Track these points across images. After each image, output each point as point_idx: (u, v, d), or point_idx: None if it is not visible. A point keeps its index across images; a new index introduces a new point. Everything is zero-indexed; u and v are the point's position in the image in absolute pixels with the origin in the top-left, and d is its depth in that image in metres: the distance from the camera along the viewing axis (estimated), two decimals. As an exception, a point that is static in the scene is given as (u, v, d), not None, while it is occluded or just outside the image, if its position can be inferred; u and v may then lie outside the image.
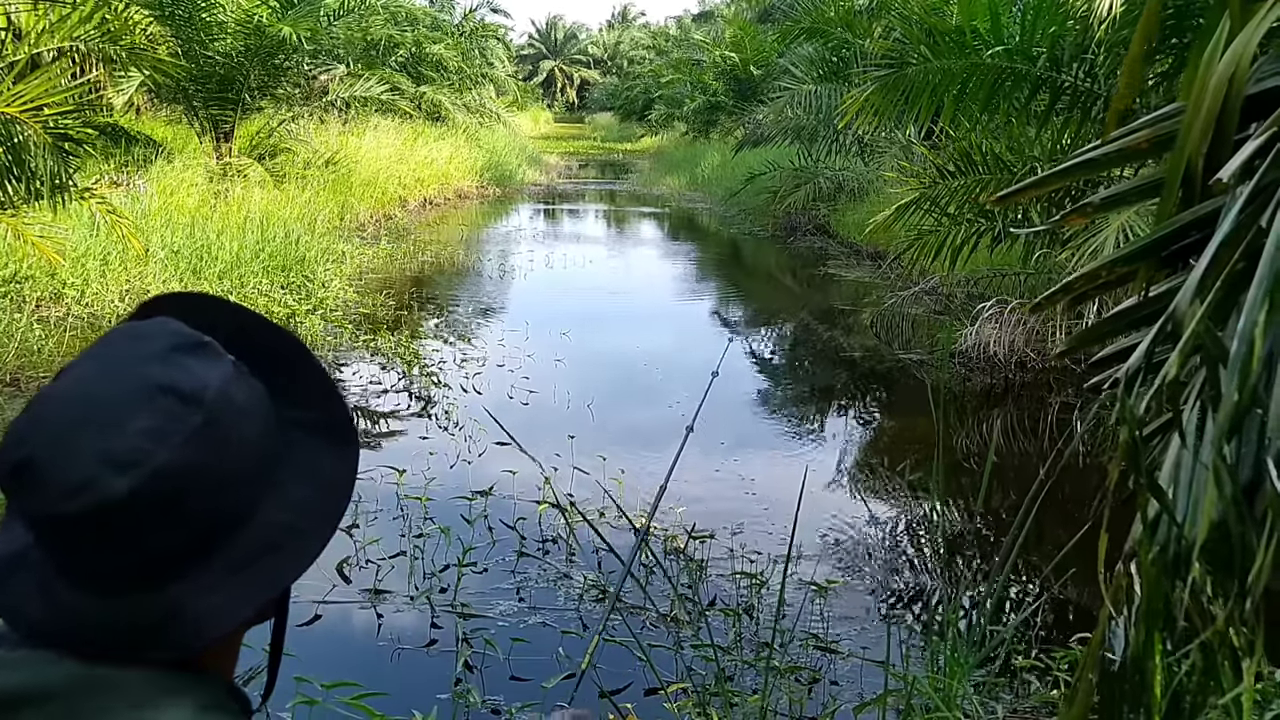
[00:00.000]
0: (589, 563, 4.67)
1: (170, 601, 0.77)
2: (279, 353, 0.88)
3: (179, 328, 0.82)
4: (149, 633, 0.77)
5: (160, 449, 0.76)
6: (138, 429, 0.76)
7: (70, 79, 8.48)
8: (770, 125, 15.42)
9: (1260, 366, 0.87)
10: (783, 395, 8.48)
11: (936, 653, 3.43)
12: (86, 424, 0.76)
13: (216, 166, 12.81)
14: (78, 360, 0.81)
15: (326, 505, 0.86)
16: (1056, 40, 6.85)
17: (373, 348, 8.28)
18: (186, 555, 0.78)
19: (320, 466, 0.86)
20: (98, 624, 0.77)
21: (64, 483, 0.75)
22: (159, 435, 0.76)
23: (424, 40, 22.76)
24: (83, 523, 0.75)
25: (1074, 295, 1.26)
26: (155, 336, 0.81)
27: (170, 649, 0.78)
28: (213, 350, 0.81)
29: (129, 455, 0.75)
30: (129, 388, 0.77)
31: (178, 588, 0.77)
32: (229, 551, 0.79)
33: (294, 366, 0.89)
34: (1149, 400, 1.09)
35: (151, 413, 0.76)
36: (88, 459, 0.75)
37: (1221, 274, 0.95)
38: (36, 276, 8.32)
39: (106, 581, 0.77)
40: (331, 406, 0.89)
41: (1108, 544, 1.19)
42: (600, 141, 43.73)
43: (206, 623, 0.78)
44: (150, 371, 0.78)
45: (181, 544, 0.78)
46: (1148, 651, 1.11)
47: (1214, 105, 1.04)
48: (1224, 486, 0.91)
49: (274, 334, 0.89)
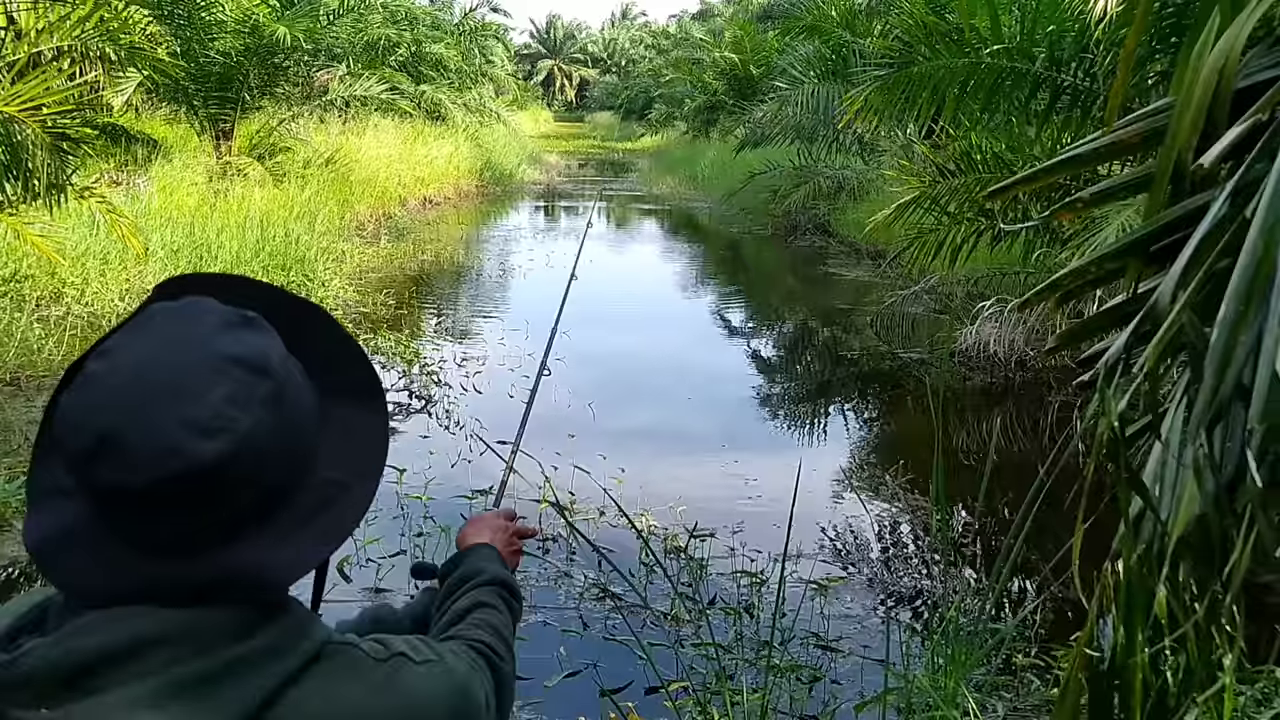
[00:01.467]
0: (589, 561, 4.67)
1: (239, 559, 0.80)
2: (310, 323, 0.93)
3: (219, 304, 0.85)
4: (224, 587, 0.80)
5: (244, 415, 0.79)
6: (219, 396, 0.79)
7: (69, 79, 8.48)
8: (770, 124, 15.41)
9: (1243, 354, 0.87)
10: (783, 394, 8.48)
11: (937, 651, 3.43)
12: (163, 394, 0.78)
13: (216, 165, 12.82)
14: (121, 339, 0.82)
15: (368, 460, 0.91)
16: (1056, 39, 6.85)
17: (373, 347, 8.28)
18: (255, 515, 0.82)
19: (355, 426, 0.91)
20: (172, 585, 0.79)
21: (151, 450, 0.76)
22: (240, 402, 0.79)
23: (424, 39, 22.76)
24: (168, 488, 0.77)
25: (1063, 292, 1.26)
26: (204, 312, 0.84)
27: (238, 597, 0.81)
28: (260, 323, 0.85)
29: (215, 421, 0.78)
30: (197, 359, 0.80)
31: (251, 544, 0.81)
32: (294, 509, 0.84)
33: (324, 335, 0.93)
34: (1130, 396, 1.09)
35: (228, 381, 0.79)
36: (172, 427, 0.77)
37: (1204, 266, 0.96)
38: (36, 276, 8.32)
39: (184, 545, 0.79)
40: (358, 369, 0.94)
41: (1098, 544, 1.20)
42: (600, 141, 43.72)
43: (277, 575, 0.83)
44: (215, 343, 0.81)
45: (253, 505, 0.81)
46: (1131, 650, 1.12)
47: (1204, 99, 1.04)
48: (1205, 481, 0.92)
49: (301, 306, 0.94)
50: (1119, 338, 1.10)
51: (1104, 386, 1.06)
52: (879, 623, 4.26)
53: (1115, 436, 1.02)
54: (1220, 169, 1.09)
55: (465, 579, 1.32)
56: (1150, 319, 1.01)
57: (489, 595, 1.32)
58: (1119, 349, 1.07)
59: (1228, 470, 0.98)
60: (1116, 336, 1.14)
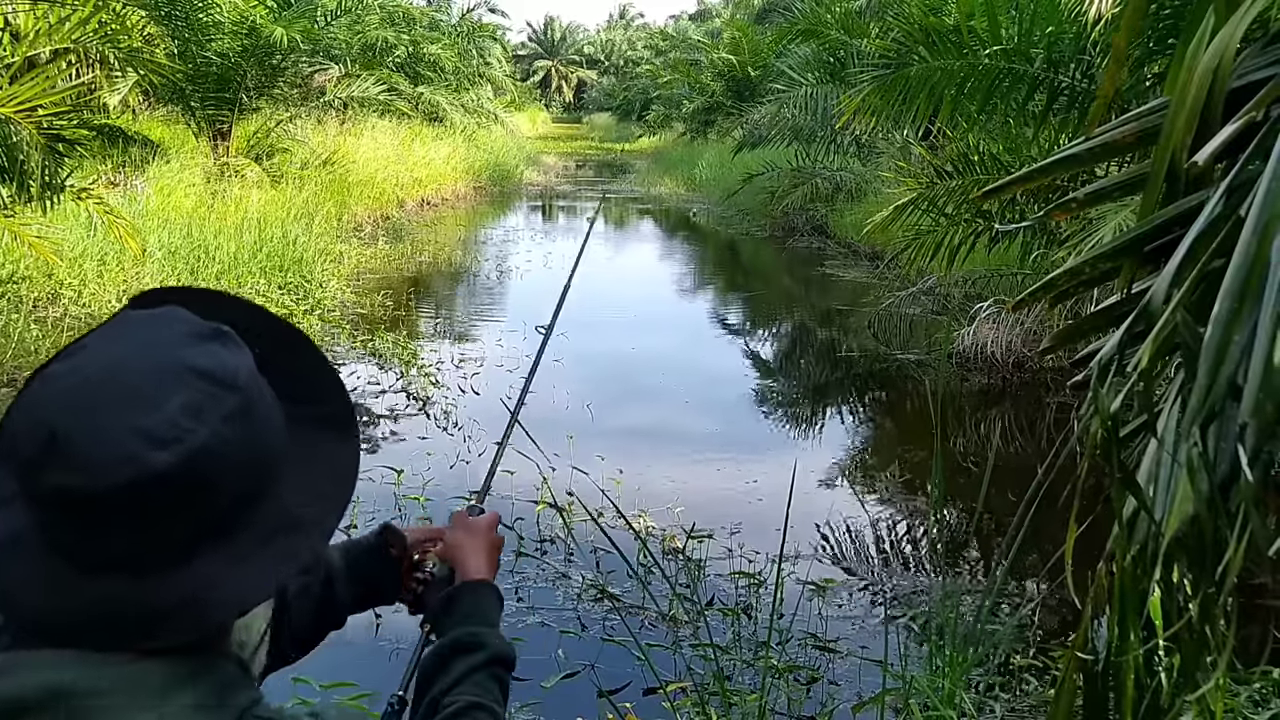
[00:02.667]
0: (587, 562, 4.67)
1: (189, 582, 0.77)
2: (285, 347, 0.90)
3: (193, 316, 0.83)
4: (165, 615, 0.76)
5: (201, 428, 0.76)
6: (176, 406, 0.76)
7: (66, 80, 8.48)
8: (768, 126, 15.43)
9: (1238, 353, 0.87)
10: (780, 395, 8.48)
11: (935, 652, 3.43)
12: (120, 401, 0.75)
13: (214, 167, 12.81)
14: (88, 341, 0.80)
15: (334, 491, 0.87)
16: (1054, 41, 6.86)
17: (370, 348, 8.28)
18: (208, 536, 0.78)
19: (325, 455, 0.87)
20: (113, 612, 0.76)
21: (101, 458, 0.74)
22: (198, 414, 0.76)
23: (421, 40, 22.76)
24: (115, 497, 0.74)
25: (1057, 292, 1.26)
26: (176, 322, 0.82)
27: (186, 631, 0.77)
28: (232, 339, 0.83)
29: (169, 432, 0.75)
30: (161, 368, 0.77)
31: (197, 568, 0.77)
32: (251, 533, 0.80)
33: (300, 360, 0.90)
34: (1124, 396, 1.09)
35: (188, 392, 0.77)
36: (125, 434, 0.74)
37: (1198, 265, 0.96)
38: (34, 277, 8.32)
39: (131, 562, 0.76)
40: (334, 399, 0.91)
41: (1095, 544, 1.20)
42: (598, 142, 43.72)
43: (223, 604, 0.79)
44: (181, 353, 0.79)
45: (206, 524, 0.78)
46: (1125, 650, 1.12)
47: (1198, 99, 1.04)
48: (1199, 481, 0.92)
49: (280, 328, 0.91)
50: (1112, 337, 1.10)
51: (1098, 386, 1.06)
52: (877, 623, 4.26)
53: (1109, 436, 1.02)
54: (1215, 168, 1.10)
55: (461, 648, 1.19)
56: (1144, 318, 1.01)
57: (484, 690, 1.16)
58: (1112, 348, 1.07)
59: (1222, 470, 0.98)
60: (1111, 336, 1.14)
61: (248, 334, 0.85)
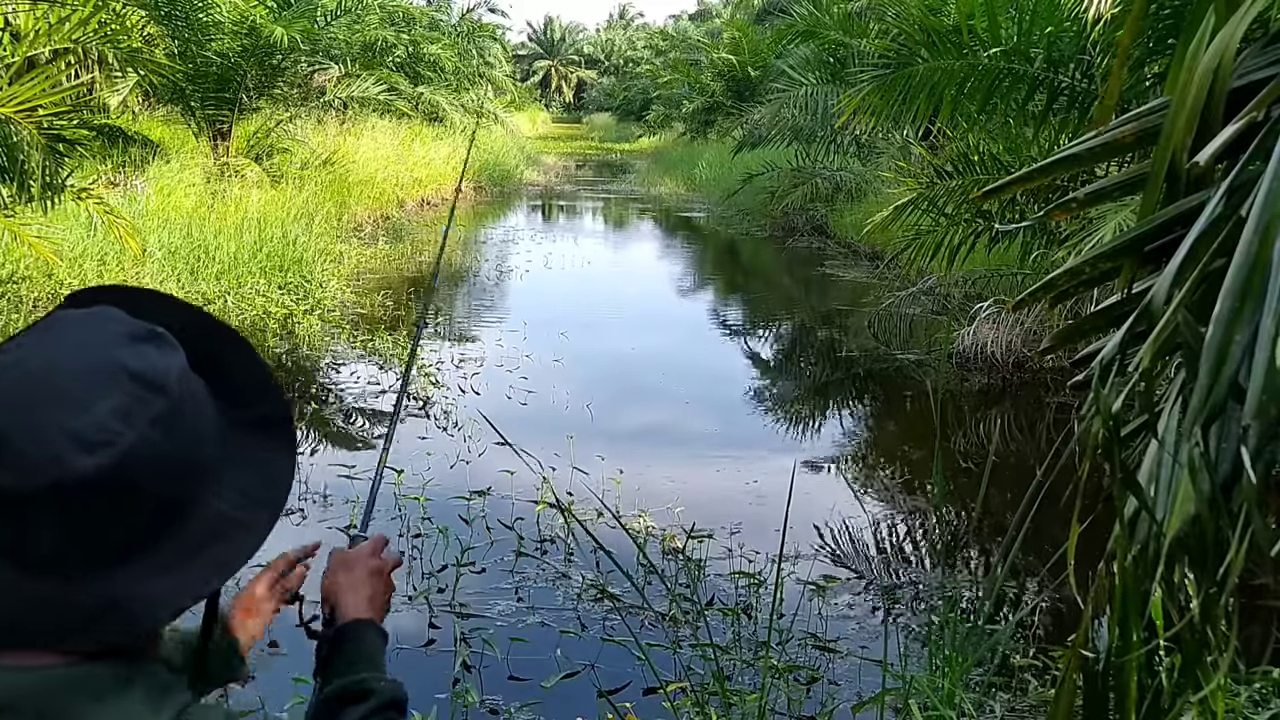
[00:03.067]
0: (587, 562, 4.67)
1: (119, 585, 0.77)
2: (222, 349, 0.89)
3: (127, 316, 0.82)
4: (94, 618, 0.76)
5: (129, 431, 0.76)
6: (106, 409, 0.76)
7: (66, 80, 8.48)
8: (768, 126, 15.43)
9: (1239, 352, 0.87)
10: (780, 395, 8.48)
11: (934, 652, 3.43)
12: (49, 401, 0.75)
13: (214, 166, 12.80)
14: (22, 340, 0.80)
15: (267, 498, 0.87)
16: (1053, 41, 6.85)
17: (370, 348, 8.28)
18: (137, 540, 0.78)
19: (260, 461, 0.87)
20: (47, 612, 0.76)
21: (31, 457, 0.74)
22: (127, 417, 0.76)
23: (421, 40, 22.76)
24: (42, 500, 0.74)
25: (1057, 292, 1.26)
26: (110, 322, 0.81)
27: (116, 634, 0.77)
28: (166, 341, 0.82)
29: (97, 435, 0.75)
30: (92, 369, 0.77)
31: (127, 571, 0.77)
32: (177, 539, 0.80)
33: (236, 363, 0.90)
34: (1126, 395, 1.09)
35: (118, 394, 0.76)
36: (53, 435, 0.74)
37: (1199, 265, 0.96)
38: (34, 277, 8.32)
39: (62, 563, 0.76)
40: (271, 404, 0.90)
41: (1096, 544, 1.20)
42: (598, 142, 43.71)
43: (151, 609, 0.78)
44: (113, 354, 0.78)
45: (135, 528, 0.78)
46: (1126, 650, 1.12)
47: (1199, 98, 1.04)
48: (1200, 481, 0.92)
49: (217, 330, 0.91)
50: (1113, 337, 1.10)
51: (1099, 386, 1.06)
52: (877, 623, 4.26)
53: (1110, 436, 1.02)
54: (1215, 168, 1.09)
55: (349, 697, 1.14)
56: (1145, 318, 1.01)
57: None
58: (1113, 348, 1.07)
59: (1223, 470, 0.98)
60: (1112, 336, 1.14)
61: (183, 335, 0.84)
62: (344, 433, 6.38)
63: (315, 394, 7.41)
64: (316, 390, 7.52)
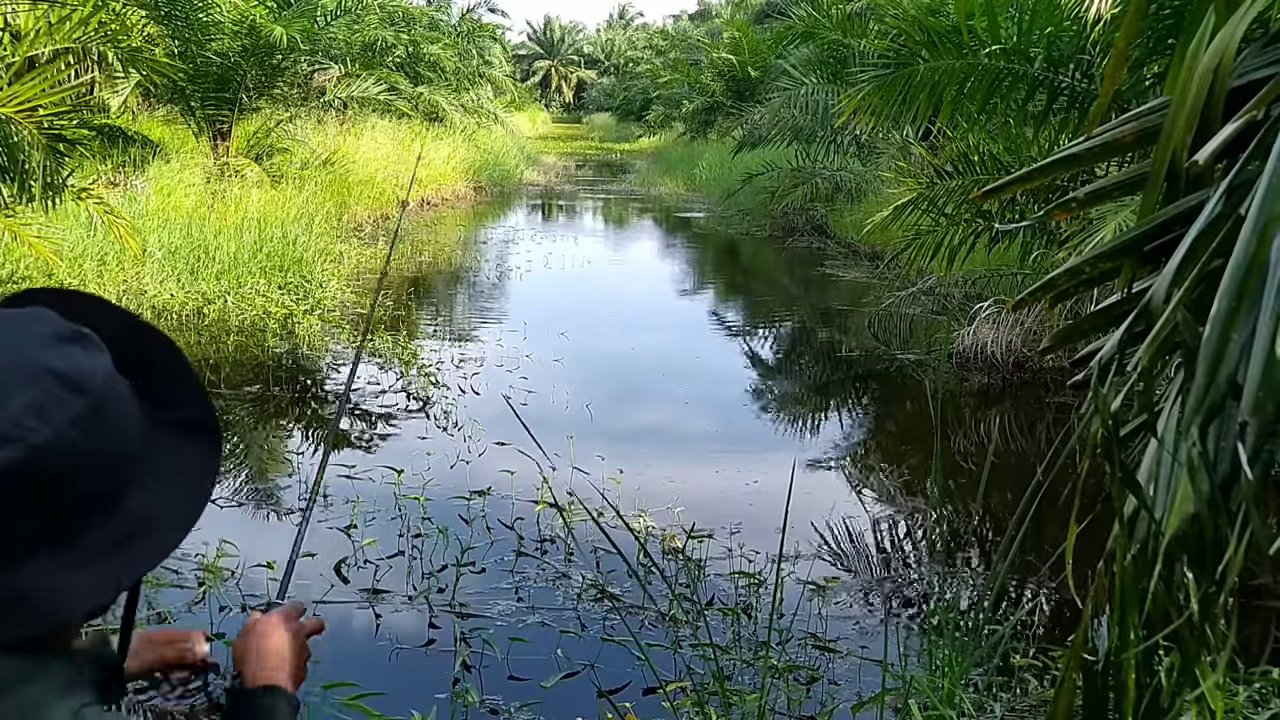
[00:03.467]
0: (587, 562, 4.67)
1: (29, 578, 0.78)
2: (150, 351, 0.91)
3: (58, 318, 0.84)
4: (3, 610, 0.77)
5: (43, 427, 0.77)
6: (21, 405, 0.77)
7: (66, 79, 8.48)
8: (768, 126, 15.43)
9: (1237, 351, 0.87)
10: (781, 395, 8.48)
11: (935, 652, 3.43)
12: None
13: (214, 166, 12.80)
14: None
15: (188, 500, 0.88)
16: (1054, 41, 6.85)
17: (370, 348, 8.28)
18: (50, 535, 0.79)
19: (183, 464, 0.89)
20: None
21: None
22: (42, 414, 0.78)
23: (421, 40, 22.75)
24: None
25: (1056, 292, 1.26)
26: (38, 324, 0.83)
27: (24, 627, 0.78)
28: (94, 343, 0.84)
29: (11, 430, 0.76)
30: (13, 366, 0.79)
31: (38, 566, 0.78)
32: (92, 536, 0.81)
33: (164, 366, 0.91)
34: (1125, 395, 1.09)
35: (35, 391, 0.78)
36: None
37: (1198, 264, 0.96)
38: (33, 277, 8.31)
39: None
40: (197, 408, 0.92)
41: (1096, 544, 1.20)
42: (598, 142, 43.71)
43: (62, 603, 0.79)
44: (36, 354, 0.80)
45: (48, 522, 0.79)
46: (1125, 650, 1.12)
47: (1199, 98, 1.04)
48: (1199, 480, 0.92)
49: (148, 335, 0.92)
50: (1112, 337, 1.10)
51: (1098, 386, 1.06)
52: (877, 623, 4.26)
53: (1109, 435, 1.02)
54: (1215, 168, 1.09)
55: None
56: (1144, 318, 1.01)
57: None
58: (1112, 348, 1.07)
59: (1222, 469, 0.98)
60: (1111, 336, 1.14)
61: (113, 338, 0.86)
62: (344, 433, 6.38)
63: (315, 394, 7.41)
64: (316, 390, 7.52)
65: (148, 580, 4.24)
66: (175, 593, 4.21)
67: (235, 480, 5.65)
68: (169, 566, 4.44)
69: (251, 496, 5.51)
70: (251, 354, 8.07)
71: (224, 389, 7.04)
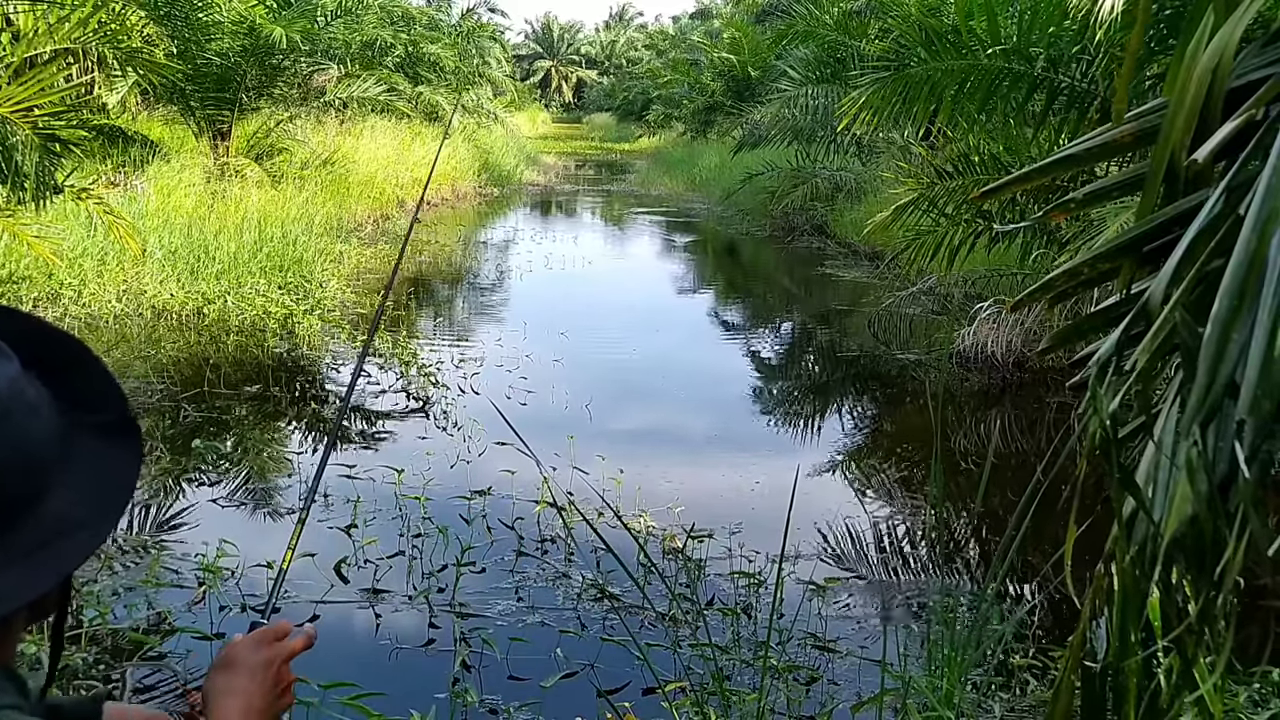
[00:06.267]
0: (587, 562, 4.67)
1: None
2: (63, 357, 0.92)
3: None
4: None
5: None
6: None
7: (65, 80, 8.48)
8: (768, 126, 15.44)
9: (1236, 352, 0.87)
10: (781, 395, 8.48)
11: (934, 652, 3.43)
12: None
13: (214, 167, 12.80)
14: None
15: (108, 501, 0.89)
16: (1054, 41, 6.85)
17: (370, 348, 8.27)
18: None
19: (103, 465, 0.89)
20: None
21: None
22: None
23: (421, 40, 22.75)
24: None
25: (1056, 292, 1.26)
26: None
27: None
28: (2, 351, 0.85)
29: None
30: None
31: None
32: (12, 537, 0.81)
33: (78, 370, 0.92)
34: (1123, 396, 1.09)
35: None
36: None
37: (1196, 264, 0.96)
38: (33, 277, 8.32)
39: None
40: (114, 409, 0.92)
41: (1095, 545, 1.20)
42: (598, 142, 43.71)
43: None
44: None
45: None
46: (1124, 651, 1.12)
47: (1198, 98, 1.04)
48: (1198, 481, 0.92)
49: (58, 339, 0.93)
50: (1111, 337, 1.10)
51: (1096, 386, 1.06)
52: (877, 623, 4.26)
53: (1108, 436, 1.02)
54: (1214, 167, 1.09)
55: None
56: (1143, 318, 1.00)
57: None
58: (1110, 348, 1.07)
59: (1221, 470, 0.98)
60: (1110, 336, 1.14)
61: (23, 345, 0.87)
62: (344, 433, 6.37)
63: (315, 394, 7.41)
64: (316, 390, 7.52)
65: (149, 581, 4.25)
66: (175, 593, 4.21)
67: (235, 480, 5.65)
68: (169, 567, 4.45)
69: (251, 496, 5.51)
70: (251, 354, 8.07)
71: (224, 389, 7.03)
